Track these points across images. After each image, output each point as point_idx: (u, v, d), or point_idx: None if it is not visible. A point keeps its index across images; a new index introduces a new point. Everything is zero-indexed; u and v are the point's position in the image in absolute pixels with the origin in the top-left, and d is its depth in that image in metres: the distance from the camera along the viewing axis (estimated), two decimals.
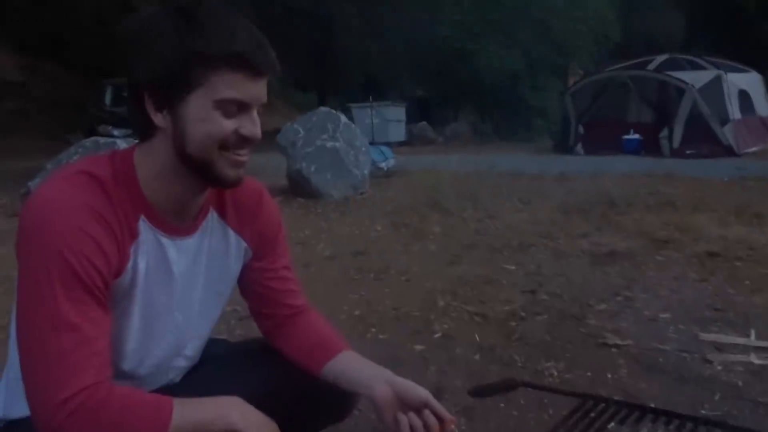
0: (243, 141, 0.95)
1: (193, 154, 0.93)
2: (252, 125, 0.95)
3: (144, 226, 0.98)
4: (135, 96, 0.94)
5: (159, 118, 0.93)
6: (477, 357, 2.40)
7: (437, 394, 2.03)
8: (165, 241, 1.01)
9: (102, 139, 6.40)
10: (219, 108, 0.91)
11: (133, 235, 0.96)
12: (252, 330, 1.27)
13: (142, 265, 0.98)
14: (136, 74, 0.92)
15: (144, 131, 0.96)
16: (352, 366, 1.13)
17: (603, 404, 1.50)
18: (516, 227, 4.94)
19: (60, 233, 0.87)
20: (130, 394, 0.89)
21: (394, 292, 3.28)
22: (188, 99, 0.91)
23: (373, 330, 2.72)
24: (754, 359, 2.29)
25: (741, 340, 2.47)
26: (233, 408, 0.94)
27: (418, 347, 2.50)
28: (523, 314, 2.87)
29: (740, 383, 2.11)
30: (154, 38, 0.90)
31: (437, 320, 2.82)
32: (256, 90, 0.94)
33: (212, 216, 1.08)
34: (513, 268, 3.73)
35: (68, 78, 18.81)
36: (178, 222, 1.02)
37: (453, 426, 1.07)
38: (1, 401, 1.04)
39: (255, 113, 0.95)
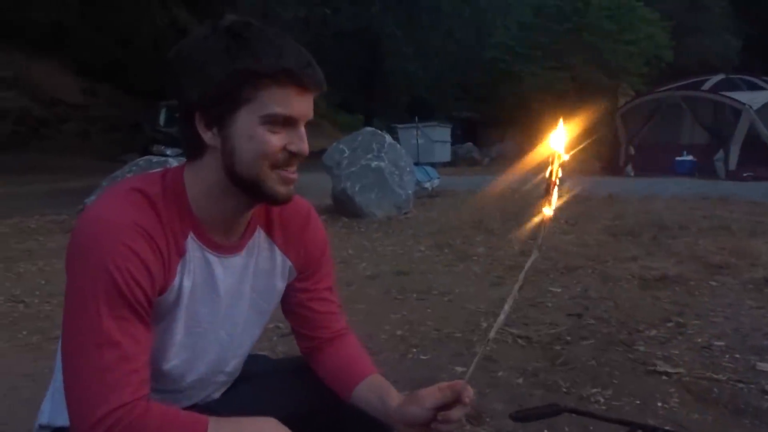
0: (292, 157, 0.96)
1: (242, 173, 0.95)
2: (300, 141, 0.95)
3: (192, 244, 0.99)
4: (186, 115, 0.96)
5: (209, 137, 0.95)
6: (520, 381, 2.34)
7: (478, 417, 2.01)
8: (212, 258, 1.02)
9: (155, 158, 6.62)
10: (266, 124, 0.93)
11: (181, 252, 0.98)
12: (294, 347, 1.27)
13: (187, 282, 0.99)
14: (187, 94, 0.95)
15: (194, 150, 0.98)
16: (368, 403, 1.10)
17: None
18: (562, 249, 4.83)
19: (107, 250, 0.88)
20: (167, 413, 0.90)
21: (436, 312, 3.25)
22: (237, 116, 0.93)
23: (415, 350, 2.70)
24: None
25: None
26: (269, 429, 0.94)
27: (460, 369, 2.46)
28: (568, 338, 2.79)
29: None
30: (205, 58, 0.92)
31: (479, 342, 2.77)
32: (303, 106, 0.95)
33: (259, 234, 1.09)
34: (559, 290, 3.65)
35: (126, 101, 19.63)
36: (225, 240, 1.03)
37: (467, 392, 1.01)
38: (48, 408, 1.07)
39: (302, 129, 0.96)
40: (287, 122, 0.94)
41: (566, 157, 0.92)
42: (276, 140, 0.93)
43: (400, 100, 26.18)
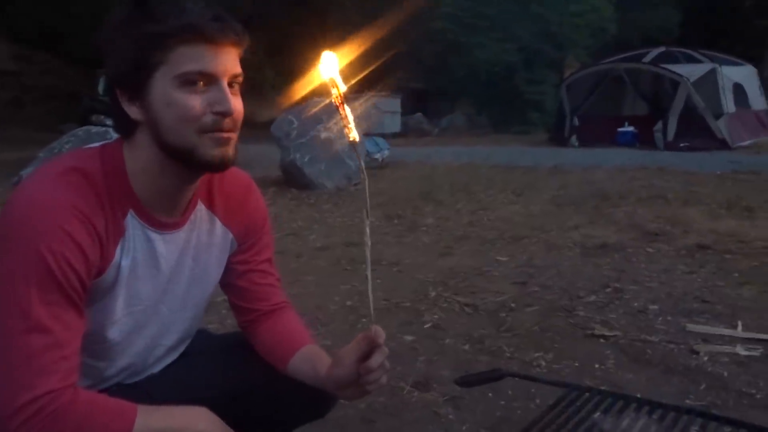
0: (220, 118, 0.92)
1: (171, 143, 0.92)
2: (224, 99, 0.91)
3: (132, 222, 0.97)
4: (112, 94, 0.94)
5: (134, 111, 0.92)
6: (466, 347, 2.41)
7: (425, 383, 2.06)
8: (153, 235, 1.00)
9: (94, 128, 6.39)
10: (183, 86, 0.90)
11: (120, 232, 0.95)
12: None
13: (126, 262, 0.97)
14: (107, 72, 0.93)
15: (125, 128, 0.95)
16: (302, 372, 1.10)
17: (587, 394, 1.51)
18: (509, 219, 4.96)
19: (41, 233, 0.85)
20: (93, 400, 0.88)
21: (385, 283, 3.29)
22: (152, 84, 0.90)
23: (364, 320, 2.73)
24: (740, 350, 2.31)
25: (727, 332, 2.49)
26: (200, 419, 0.94)
27: (408, 338, 2.51)
28: (513, 305, 2.88)
29: (726, 374, 2.13)
30: (112, 33, 0.92)
31: (428, 311, 2.83)
32: (219, 60, 0.90)
33: (200, 207, 1.07)
34: (505, 259, 3.75)
35: (63, 69, 18.71)
36: (167, 216, 1.01)
37: (379, 333, 0.96)
38: None
39: (225, 86, 0.92)
40: (206, 80, 0.90)
41: (340, 82, 0.90)
42: (196, 101, 0.90)
43: (350, 69, 25.89)
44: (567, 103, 13.50)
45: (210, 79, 0.91)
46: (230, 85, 0.93)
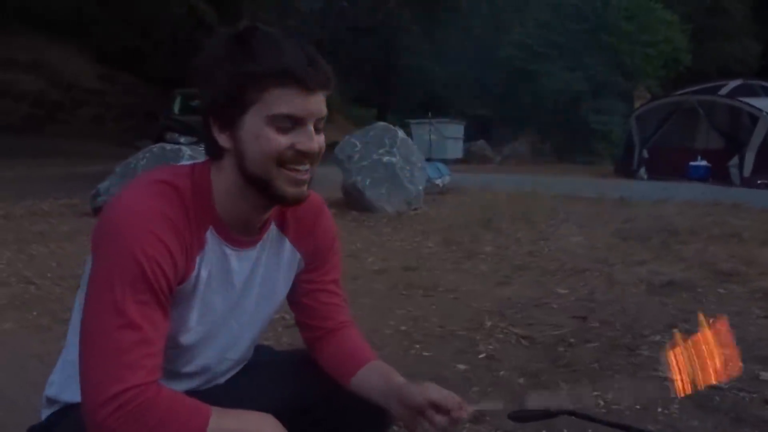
0: (300, 155, 0.98)
1: (252, 172, 0.99)
2: (308, 139, 0.98)
3: (211, 237, 1.04)
4: (204, 120, 1.02)
5: (223, 139, 1.00)
6: (521, 381, 2.35)
7: (477, 415, 2.02)
8: (229, 251, 1.07)
9: (168, 146, 6.65)
10: (272, 124, 0.96)
11: (201, 245, 1.03)
12: (299, 338, 1.29)
13: (204, 273, 1.04)
14: (202, 100, 1.02)
15: (214, 152, 1.03)
16: (371, 383, 1.13)
17: None
18: (570, 251, 4.82)
19: (137, 237, 0.93)
20: (174, 397, 0.94)
21: (441, 309, 3.27)
22: (244, 118, 0.97)
23: (417, 346, 2.71)
24: None
25: None
26: (267, 425, 0.98)
27: (462, 367, 2.47)
28: (572, 340, 2.79)
29: None
30: (212, 66, 0.99)
31: (483, 341, 2.78)
32: (309, 105, 0.97)
33: (273, 228, 1.13)
34: (565, 292, 3.65)
35: (143, 88, 19.76)
36: (243, 234, 1.08)
37: (463, 410, 1.04)
38: (57, 381, 1.11)
39: (311, 128, 0.98)
40: (294, 121, 0.97)
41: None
42: (282, 139, 0.96)
43: (415, 95, 26.14)
44: (637, 134, 13.17)
45: (298, 122, 0.97)
46: (315, 124, 0.99)
